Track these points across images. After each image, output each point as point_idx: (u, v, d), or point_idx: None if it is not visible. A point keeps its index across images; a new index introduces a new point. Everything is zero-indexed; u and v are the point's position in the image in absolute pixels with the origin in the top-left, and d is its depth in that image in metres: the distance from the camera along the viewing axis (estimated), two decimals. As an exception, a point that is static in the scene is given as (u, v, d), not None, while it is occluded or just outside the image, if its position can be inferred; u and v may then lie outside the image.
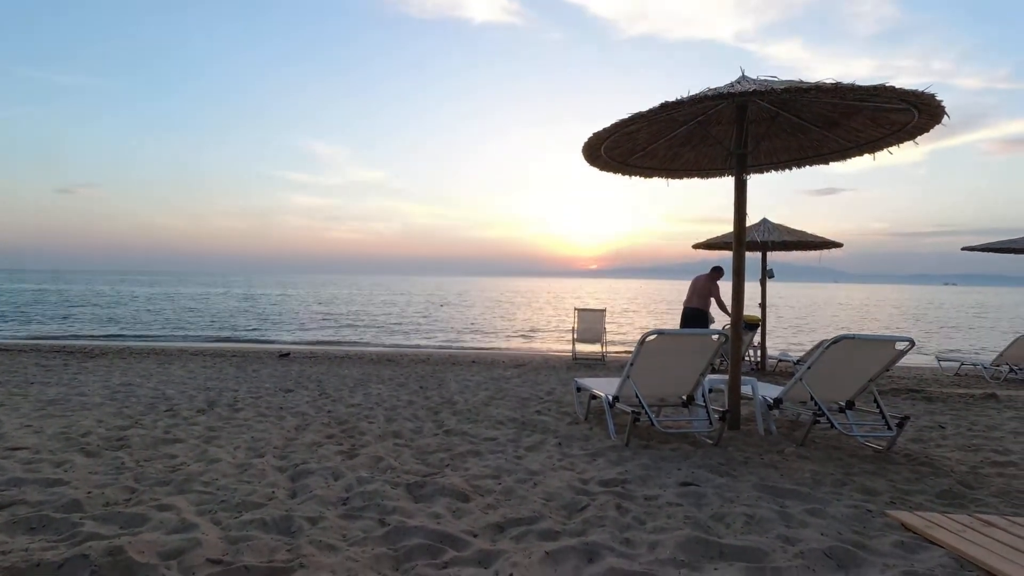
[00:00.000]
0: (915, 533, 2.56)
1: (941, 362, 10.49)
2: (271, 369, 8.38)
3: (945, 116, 4.06)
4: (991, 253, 9.76)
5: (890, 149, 4.78)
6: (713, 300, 8.54)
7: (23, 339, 14.64)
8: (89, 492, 2.81)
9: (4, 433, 4.03)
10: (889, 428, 4.03)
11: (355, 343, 16.31)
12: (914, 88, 3.65)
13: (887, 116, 4.38)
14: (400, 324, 23.11)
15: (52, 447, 3.72)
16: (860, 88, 3.62)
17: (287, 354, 10.74)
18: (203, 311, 27.46)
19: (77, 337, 15.62)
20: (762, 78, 4.18)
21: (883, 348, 3.97)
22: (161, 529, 2.41)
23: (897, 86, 3.62)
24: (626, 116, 4.23)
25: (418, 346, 15.71)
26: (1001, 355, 9.05)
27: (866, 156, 4.98)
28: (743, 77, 4.26)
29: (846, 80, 3.60)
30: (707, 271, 8.62)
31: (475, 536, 2.46)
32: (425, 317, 27.15)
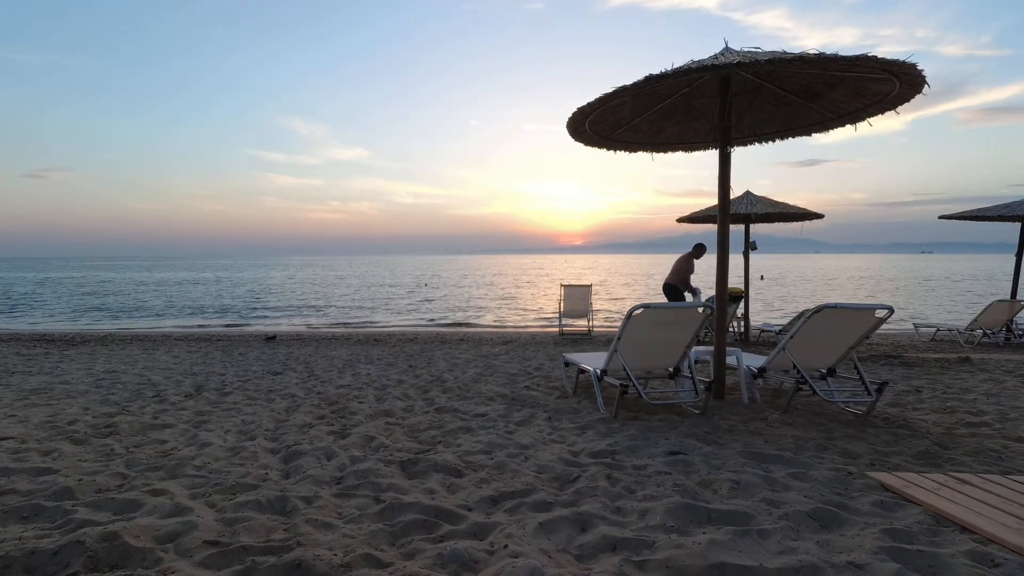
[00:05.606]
0: (894, 493, 2.66)
1: (918, 328, 10.78)
2: (258, 352, 8.33)
3: (926, 85, 4.09)
4: (966, 221, 9.97)
5: (871, 120, 4.81)
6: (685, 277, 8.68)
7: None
8: (80, 479, 2.79)
9: (-12, 423, 3.98)
10: (869, 393, 4.15)
11: (343, 324, 16.24)
12: (896, 58, 3.67)
13: (869, 86, 4.39)
14: (386, 303, 23.01)
15: (39, 436, 3.68)
16: (842, 58, 3.62)
17: (273, 337, 10.68)
18: (184, 295, 27.07)
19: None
20: (746, 49, 4.16)
21: (863, 316, 4.05)
22: (155, 514, 2.41)
23: (879, 56, 3.63)
24: (610, 90, 4.19)
25: (405, 325, 15.70)
26: (975, 320, 9.31)
27: (848, 127, 5.02)
28: (727, 49, 4.23)
29: (830, 50, 3.60)
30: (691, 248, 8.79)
31: (469, 510, 2.50)
32: (410, 297, 27.04)
